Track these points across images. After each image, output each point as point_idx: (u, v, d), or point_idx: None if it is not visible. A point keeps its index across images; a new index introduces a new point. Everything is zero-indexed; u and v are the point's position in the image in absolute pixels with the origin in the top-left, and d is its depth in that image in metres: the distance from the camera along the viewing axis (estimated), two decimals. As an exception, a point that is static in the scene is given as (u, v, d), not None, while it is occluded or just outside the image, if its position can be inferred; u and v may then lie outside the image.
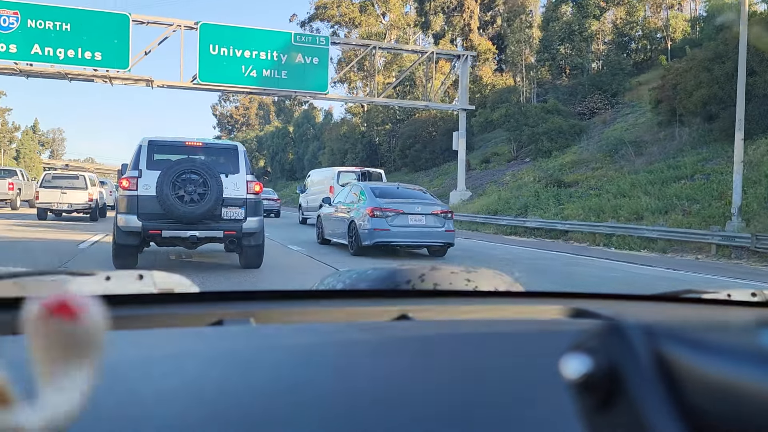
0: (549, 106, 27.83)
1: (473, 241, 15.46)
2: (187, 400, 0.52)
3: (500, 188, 24.31)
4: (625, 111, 26.97)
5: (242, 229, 7.44)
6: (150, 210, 7.13)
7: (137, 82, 21.93)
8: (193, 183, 7.09)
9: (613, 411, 0.36)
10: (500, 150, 30.71)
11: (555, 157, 24.71)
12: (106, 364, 0.49)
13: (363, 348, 0.70)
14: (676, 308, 1.12)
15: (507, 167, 27.65)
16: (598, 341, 0.39)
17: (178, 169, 7.08)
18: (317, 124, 57.28)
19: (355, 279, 1.20)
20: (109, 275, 0.99)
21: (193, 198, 7.08)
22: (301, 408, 0.52)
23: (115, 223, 7.32)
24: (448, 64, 30.02)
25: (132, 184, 7.20)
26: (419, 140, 36.37)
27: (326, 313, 0.91)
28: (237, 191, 7.47)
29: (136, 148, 7.51)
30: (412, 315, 0.90)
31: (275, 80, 22.72)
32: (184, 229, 7.19)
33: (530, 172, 24.38)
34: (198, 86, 22.22)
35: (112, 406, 0.49)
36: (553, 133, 25.72)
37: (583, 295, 1.09)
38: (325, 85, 23.35)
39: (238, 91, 23.08)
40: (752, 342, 0.35)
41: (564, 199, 18.58)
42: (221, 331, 0.77)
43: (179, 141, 7.72)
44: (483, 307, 1.01)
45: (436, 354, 0.69)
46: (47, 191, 17.02)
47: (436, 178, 32.28)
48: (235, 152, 7.75)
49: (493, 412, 0.54)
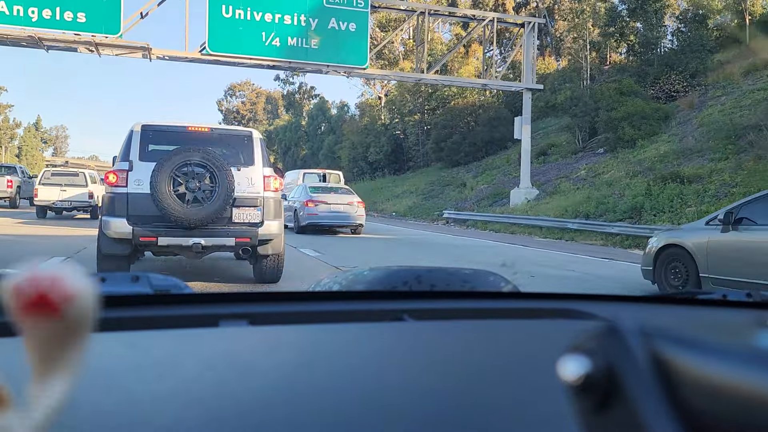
0: (623, 87, 23.30)
1: (624, 265, 10.95)
2: (183, 402, 0.52)
3: (578, 185, 19.80)
4: (715, 93, 22.44)
5: (258, 236, 6.28)
6: (143, 211, 6.01)
7: (132, 52, 17.47)
8: (197, 177, 6.03)
9: (611, 412, 0.36)
10: (556, 141, 26.22)
11: (642, 147, 20.21)
12: (102, 366, 0.57)
13: (360, 349, 0.70)
14: (673, 309, 1.12)
15: (575, 160, 23.14)
16: (596, 342, 0.39)
17: (178, 161, 5.96)
18: (332, 117, 52.83)
19: (351, 280, 1.19)
20: (104, 276, 0.98)
21: (198, 196, 6.03)
22: (299, 409, 0.52)
23: (100, 227, 6.21)
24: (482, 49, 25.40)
25: (120, 180, 6.05)
26: (457, 131, 31.92)
27: (323, 315, 0.90)
28: (252, 188, 6.35)
29: (127, 135, 6.32)
30: (408, 316, 0.90)
31: (303, 51, 18.25)
32: (185, 236, 6.06)
33: (614, 165, 19.88)
34: (207, 57, 17.77)
35: (109, 408, 0.49)
36: (635, 119, 21.21)
37: (579, 296, 1.08)
38: (364, 57, 18.86)
39: (256, 64, 18.62)
40: (748, 342, 0.35)
41: (690, 198, 14.08)
42: (218, 332, 0.76)
43: (180, 126, 6.43)
44: (479, 308, 1.01)
45: (433, 355, 0.70)
46: (46, 188, 16.63)
47: (480, 174, 27.75)
48: (250, 140, 6.55)
49: (490, 413, 0.54)
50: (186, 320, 0.82)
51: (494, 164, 28.51)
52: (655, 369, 0.36)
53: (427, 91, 37.03)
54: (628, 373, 0.36)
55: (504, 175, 25.92)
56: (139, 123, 6.34)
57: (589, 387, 0.37)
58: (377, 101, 46.16)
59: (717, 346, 0.35)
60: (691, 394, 0.34)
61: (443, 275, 1.16)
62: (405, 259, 9.27)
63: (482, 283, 1.16)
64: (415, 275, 1.13)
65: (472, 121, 32.20)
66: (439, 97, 35.19)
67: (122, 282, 1.00)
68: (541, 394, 0.58)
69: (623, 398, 0.36)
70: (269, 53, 17.97)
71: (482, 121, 31.34)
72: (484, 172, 27.84)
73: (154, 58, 17.71)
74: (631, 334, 0.38)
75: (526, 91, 20.80)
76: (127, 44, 17.15)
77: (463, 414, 0.53)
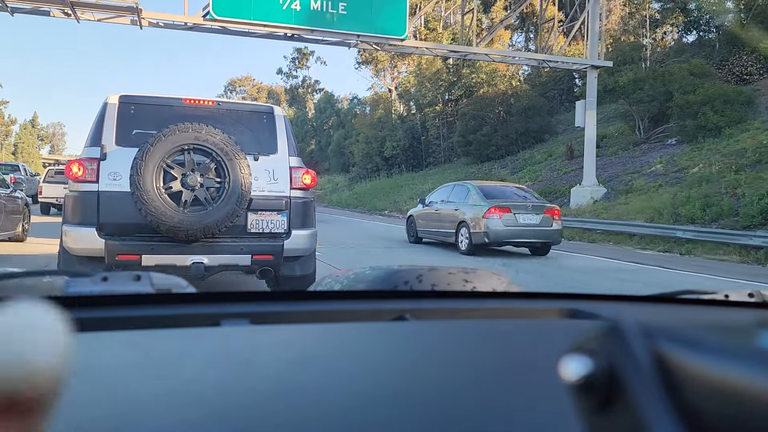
0: (694, 67, 19.97)
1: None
2: (185, 402, 0.52)
3: (658, 182, 16.45)
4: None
5: (283, 251, 4.69)
6: (120, 218, 4.42)
7: (118, 15, 14.06)
8: (198, 169, 4.45)
9: (612, 412, 0.36)
10: (606, 131, 22.88)
11: (730, 136, 16.88)
12: (103, 366, 0.57)
13: (361, 349, 0.70)
14: (675, 309, 1.12)
15: (641, 153, 19.80)
16: (597, 342, 0.39)
17: (170, 145, 4.34)
18: (341, 110, 49.46)
19: (353, 280, 1.18)
20: (106, 275, 0.97)
21: (199, 196, 4.45)
22: (299, 409, 0.52)
23: (61, 240, 4.63)
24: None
25: (88, 172, 4.42)
26: (487, 122, 28.55)
27: (324, 314, 0.90)
28: (274, 185, 4.74)
29: (99, 111, 4.64)
30: (409, 316, 0.89)
31: (328, 17, 14.88)
32: (181, 252, 4.46)
33: (699, 157, 16.55)
34: (210, 24, 14.39)
35: (110, 407, 0.49)
36: (717, 103, 17.89)
37: (581, 296, 1.08)
38: (403, 26, 15.48)
39: (270, 33, 15.23)
40: (750, 343, 0.36)
41: None
42: (219, 332, 0.76)
43: (174, 99, 4.77)
44: (481, 307, 1.00)
45: (434, 354, 0.70)
46: (51, 186, 17.49)
47: (521, 170, 24.36)
48: (271, 119, 4.92)
49: (492, 412, 0.54)
50: (187, 319, 0.82)
51: (534, 159, 25.14)
52: (657, 369, 0.36)
53: (449, 79, 33.76)
54: (629, 372, 0.36)
55: (551, 170, 22.57)
56: (116, 94, 4.72)
57: (591, 387, 0.37)
58: (388, 94, 43.00)
59: (718, 346, 0.35)
60: (692, 393, 0.34)
61: (444, 275, 1.15)
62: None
63: (483, 282, 1.15)
64: (417, 275, 1.13)
65: (503, 111, 28.84)
66: (465, 85, 31.81)
67: (124, 281, 0.98)
68: (543, 393, 0.58)
69: (625, 398, 0.36)
70: (286, 19, 14.59)
71: (515, 111, 28.00)
72: (525, 167, 24.46)
73: (145, 23, 14.31)
74: (632, 333, 0.37)
75: (591, 69, 17.46)
76: (112, 6, 13.76)
77: (465, 413, 0.53)
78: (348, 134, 44.05)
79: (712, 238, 11.19)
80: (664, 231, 12.27)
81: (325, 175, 48.67)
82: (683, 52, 24.12)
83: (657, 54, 25.45)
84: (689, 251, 11.36)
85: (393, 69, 46.24)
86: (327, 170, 49.19)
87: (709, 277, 8.28)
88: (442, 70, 33.68)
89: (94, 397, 0.49)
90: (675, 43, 25.41)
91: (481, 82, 31.01)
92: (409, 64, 42.07)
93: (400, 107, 41.28)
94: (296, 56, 57.44)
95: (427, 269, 1.16)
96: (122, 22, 14.33)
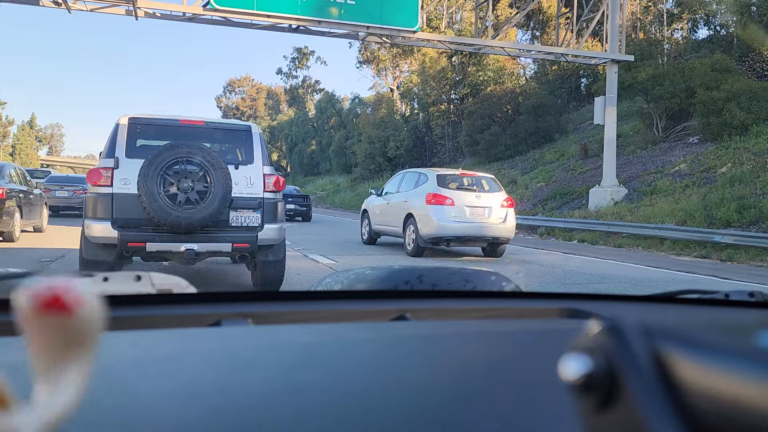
0: (716, 62, 19.11)
1: None
2: (185, 402, 0.52)
3: (684, 182, 15.59)
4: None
5: (257, 241, 5.81)
6: (130, 214, 5.56)
7: (112, 4, 13.16)
8: (190, 176, 5.55)
9: (612, 412, 0.36)
10: (623, 130, 22.02)
11: (759, 134, 16.03)
12: (104, 365, 0.57)
13: (361, 349, 0.70)
14: (675, 309, 1.11)
15: (660, 151, 18.94)
16: (597, 342, 0.39)
17: (169, 157, 5.45)
18: (342, 110, 48.53)
19: (353, 279, 1.18)
20: (106, 276, 0.97)
21: (191, 197, 5.56)
22: (300, 409, 0.52)
23: (83, 231, 5.76)
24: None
25: (105, 178, 5.56)
26: (495, 121, 27.68)
27: (324, 314, 0.90)
28: (251, 188, 5.86)
29: (113, 129, 5.77)
30: (410, 315, 0.89)
31: (335, 8, 14.01)
32: (177, 241, 5.59)
33: (726, 156, 15.70)
34: (211, 14, 13.50)
35: (110, 408, 0.49)
36: (743, 99, 17.04)
37: (581, 296, 1.07)
38: (415, 17, 14.61)
39: (274, 24, 14.34)
40: (750, 342, 0.35)
41: None
42: (219, 332, 0.76)
43: (172, 120, 5.91)
44: (481, 307, 1.00)
45: (435, 355, 0.70)
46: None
47: (532, 170, 23.49)
48: (249, 135, 6.07)
49: (492, 412, 0.55)
50: (188, 319, 0.82)
51: (545, 158, 24.27)
52: (657, 368, 0.36)
53: (454, 77, 32.92)
54: (629, 372, 0.36)
55: (564, 170, 21.69)
56: (126, 115, 5.80)
57: (591, 386, 0.37)
58: (390, 94, 42.16)
59: (719, 346, 0.35)
60: (692, 393, 0.34)
61: (445, 274, 1.15)
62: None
63: (484, 282, 1.16)
64: (417, 274, 1.13)
65: (511, 110, 27.99)
66: (471, 84, 30.96)
67: (125, 281, 0.98)
68: (542, 393, 0.58)
69: (624, 398, 0.36)
70: (292, 9, 13.72)
71: (524, 109, 27.13)
72: (536, 167, 23.59)
73: (141, 14, 13.41)
74: (632, 333, 0.38)
75: (612, 64, 16.61)
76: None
77: (465, 413, 0.53)
78: (350, 134, 43.17)
79: (756, 242, 10.30)
80: (700, 235, 11.38)
81: (327, 176, 47.73)
82: (700, 48, 23.27)
83: (672, 50, 24.62)
84: (730, 257, 10.48)
85: (395, 68, 45.50)
86: (328, 171, 48.24)
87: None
88: (447, 68, 32.85)
89: (94, 397, 0.49)
90: (688, 39, 24.55)
91: (487, 80, 30.18)
92: (411, 63, 41.30)
93: (402, 107, 40.41)
94: (296, 56, 56.63)
95: (428, 269, 1.17)
96: (117, 12, 13.43)
